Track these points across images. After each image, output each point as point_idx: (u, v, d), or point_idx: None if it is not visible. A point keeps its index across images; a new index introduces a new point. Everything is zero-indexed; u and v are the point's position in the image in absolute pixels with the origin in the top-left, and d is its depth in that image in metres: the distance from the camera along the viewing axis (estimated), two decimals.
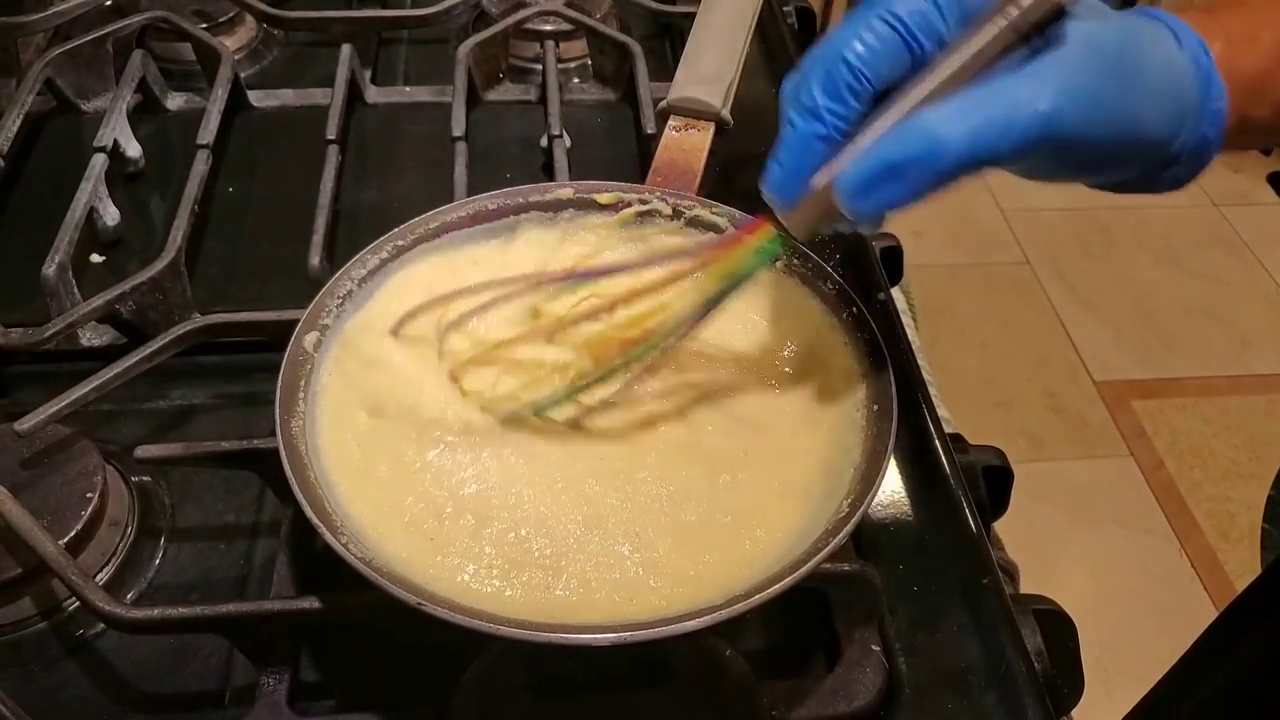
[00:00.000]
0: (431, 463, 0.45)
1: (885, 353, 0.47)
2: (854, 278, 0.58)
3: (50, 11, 0.75)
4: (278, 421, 0.43)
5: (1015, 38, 0.36)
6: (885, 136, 0.36)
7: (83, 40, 0.72)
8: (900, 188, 0.36)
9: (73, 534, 0.45)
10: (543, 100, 0.72)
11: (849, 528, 0.40)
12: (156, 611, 0.42)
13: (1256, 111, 0.41)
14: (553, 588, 0.41)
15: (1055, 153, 0.36)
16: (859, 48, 0.37)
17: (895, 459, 0.53)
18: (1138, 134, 0.38)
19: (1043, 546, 1.62)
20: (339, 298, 0.49)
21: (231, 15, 0.79)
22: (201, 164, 0.64)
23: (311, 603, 0.42)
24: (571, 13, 0.76)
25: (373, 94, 0.76)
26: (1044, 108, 0.34)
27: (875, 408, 0.45)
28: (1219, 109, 0.40)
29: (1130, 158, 0.39)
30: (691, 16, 0.63)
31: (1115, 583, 1.64)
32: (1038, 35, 0.36)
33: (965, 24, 0.37)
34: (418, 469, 0.44)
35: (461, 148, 0.65)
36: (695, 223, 0.53)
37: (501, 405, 0.46)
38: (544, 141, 0.69)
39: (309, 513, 0.39)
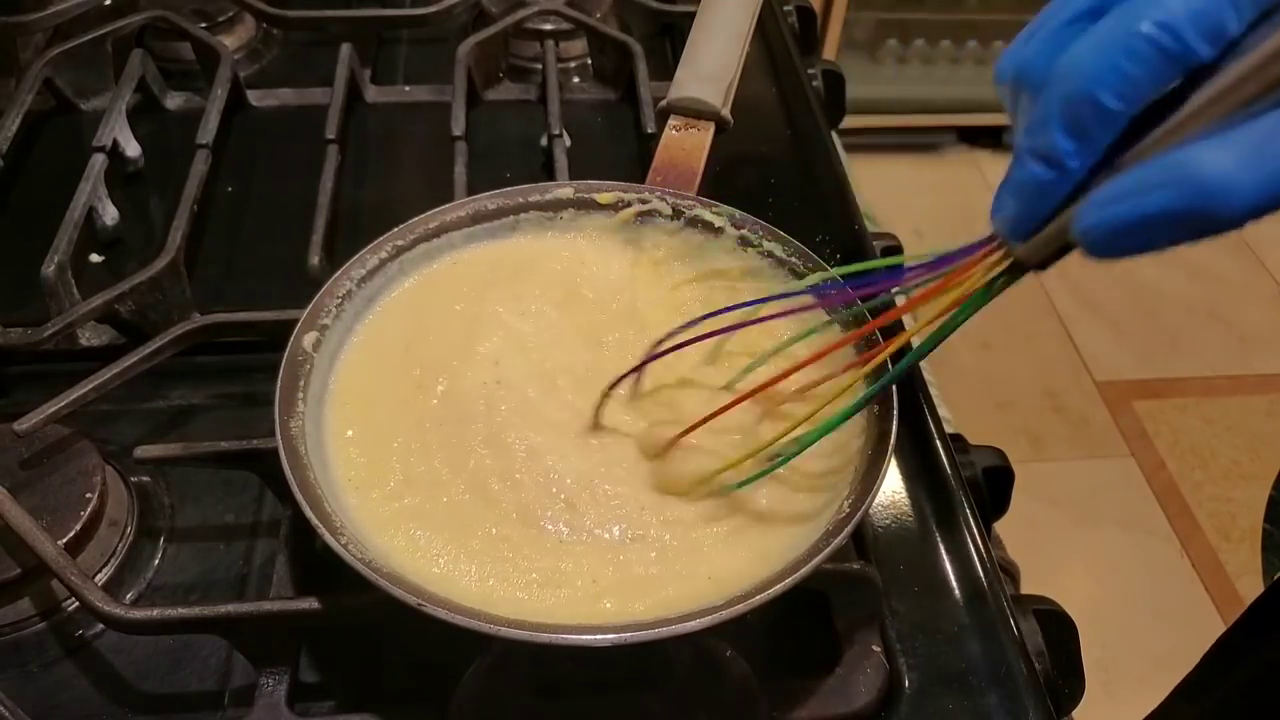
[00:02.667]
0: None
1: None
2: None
3: (50, 11, 0.75)
4: (277, 422, 0.43)
5: None
6: (1142, 177, 0.28)
7: (82, 40, 0.72)
8: (1158, 238, 0.28)
9: (72, 534, 0.45)
10: (543, 100, 0.72)
11: (849, 528, 0.39)
12: (156, 612, 0.42)
13: None
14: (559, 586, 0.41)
15: None
16: (1115, 78, 0.28)
17: (895, 459, 0.53)
18: None
19: (1043, 546, 1.62)
20: (338, 298, 0.49)
21: (231, 15, 0.79)
22: (201, 164, 0.64)
23: (311, 603, 0.42)
24: (571, 12, 0.76)
25: (372, 94, 0.76)
26: None
27: (875, 408, 0.45)
28: None
29: None
30: (691, 16, 0.62)
31: (1116, 583, 1.64)
32: None
33: (1266, 18, 0.27)
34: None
35: (461, 147, 0.65)
36: (695, 223, 0.53)
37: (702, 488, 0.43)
38: (544, 141, 0.68)
39: (308, 513, 0.39)
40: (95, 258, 0.63)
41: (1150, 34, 0.27)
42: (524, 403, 0.47)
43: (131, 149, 0.68)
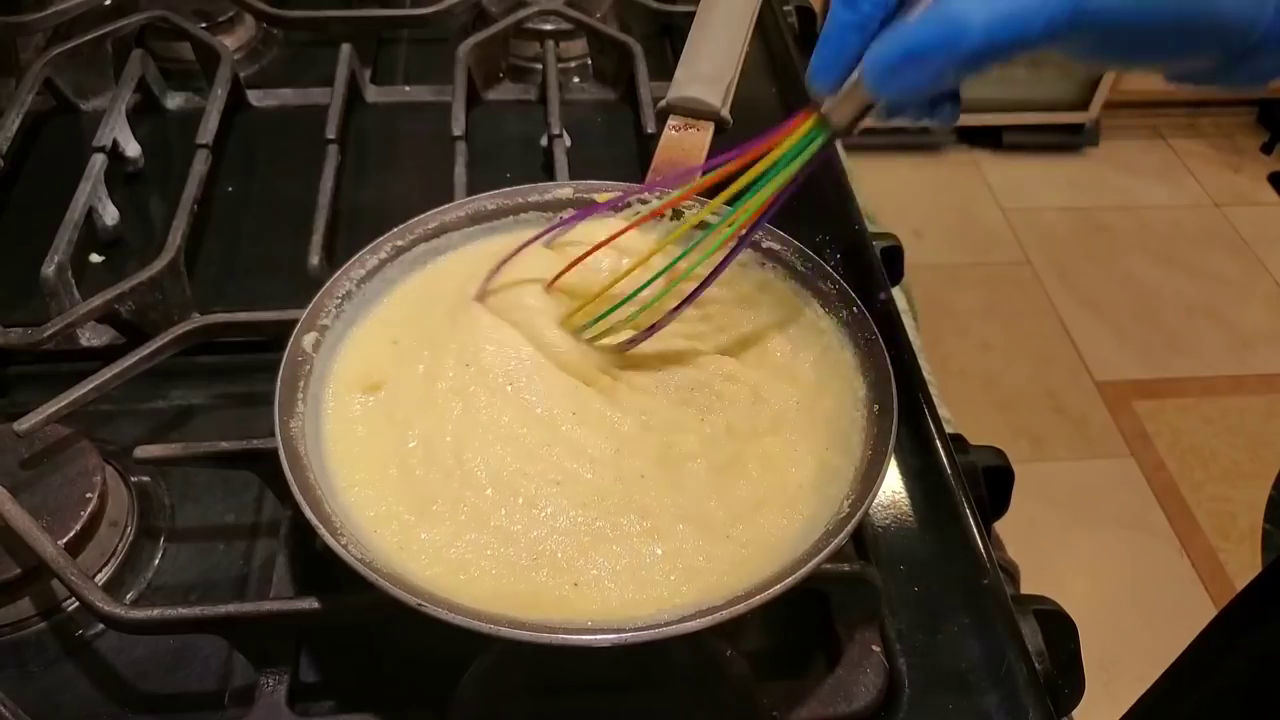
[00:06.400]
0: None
1: (885, 353, 0.47)
2: (854, 278, 0.58)
3: (50, 11, 0.75)
4: (276, 422, 0.43)
5: None
6: (911, 21, 0.36)
7: (82, 40, 0.72)
8: (921, 73, 0.35)
9: (72, 534, 0.45)
10: (543, 100, 0.72)
11: (849, 528, 0.39)
12: (156, 612, 0.42)
13: None
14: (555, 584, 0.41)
15: (1100, 36, 0.34)
16: None
17: (895, 459, 0.53)
18: (1204, 12, 0.34)
19: (1043, 546, 1.62)
20: (338, 298, 0.49)
21: (231, 15, 0.79)
22: (201, 164, 0.64)
23: (311, 603, 0.42)
24: (571, 12, 0.76)
25: (372, 94, 0.76)
26: None
27: (875, 408, 0.45)
28: None
29: (1196, 41, 0.35)
30: (691, 16, 0.62)
31: (1116, 583, 1.64)
32: None
33: None
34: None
35: (461, 147, 0.65)
36: (697, 225, 0.53)
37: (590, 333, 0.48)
38: (544, 141, 0.69)
39: (308, 513, 0.39)
40: (95, 258, 0.63)
41: None
42: (513, 402, 0.47)
43: (131, 149, 0.68)
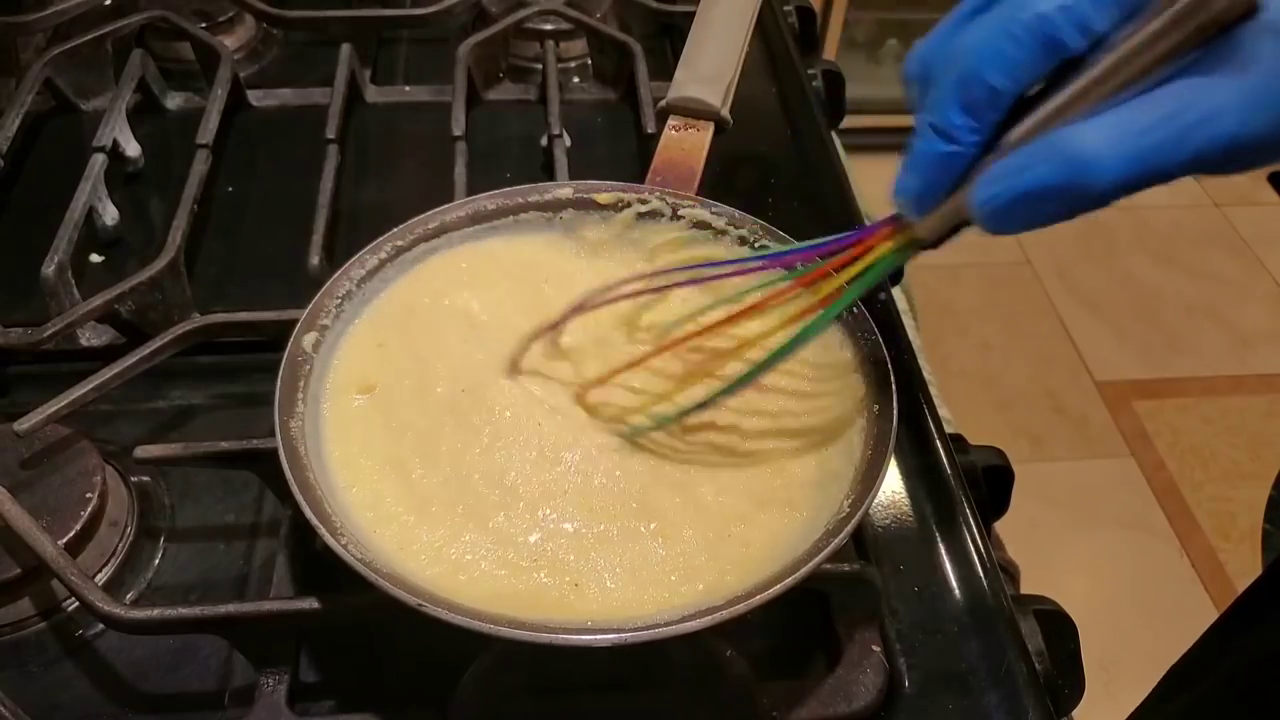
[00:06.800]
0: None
1: (885, 353, 0.47)
2: None
3: (50, 11, 0.75)
4: (276, 422, 0.43)
5: (1190, 36, 0.30)
6: (1025, 155, 0.33)
7: (82, 40, 0.72)
8: (1042, 212, 0.33)
9: (72, 534, 0.45)
10: (543, 100, 0.72)
11: (850, 528, 0.39)
12: (156, 612, 0.42)
13: None
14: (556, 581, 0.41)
15: (1226, 163, 0.31)
16: (999, 60, 0.33)
17: (896, 459, 0.53)
18: None
19: (1043, 546, 1.62)
20: (338, 298, 0.49)
21: (231, 15, 0.79)
22: (201, 164, 0.64)
23: (311, 603, 0.42)
24: (571, 12, 0.76)
25: (372, 94, 0.76)
26: (1229, 127, 0.30)
27: (875, 408, 0.45)
28: None
29: None
30: (691, 16, 0.62)
31: (1116, 583, 1.64)
32: (1219, 33, 0.30)
33: (1130, 19, 0.32)
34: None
35: (461, 147, 0.65)
36: (694, 223, 0.53)
37: (626, 420, 0.46)
38: (544, 141, 0.69)
39: (308, 513, 0.39)
40: (95, 258, 0.63)
41: (1028, 21, 0.32)
42: (510, 403, 0.47)
43: (131, 149, 0.68)
